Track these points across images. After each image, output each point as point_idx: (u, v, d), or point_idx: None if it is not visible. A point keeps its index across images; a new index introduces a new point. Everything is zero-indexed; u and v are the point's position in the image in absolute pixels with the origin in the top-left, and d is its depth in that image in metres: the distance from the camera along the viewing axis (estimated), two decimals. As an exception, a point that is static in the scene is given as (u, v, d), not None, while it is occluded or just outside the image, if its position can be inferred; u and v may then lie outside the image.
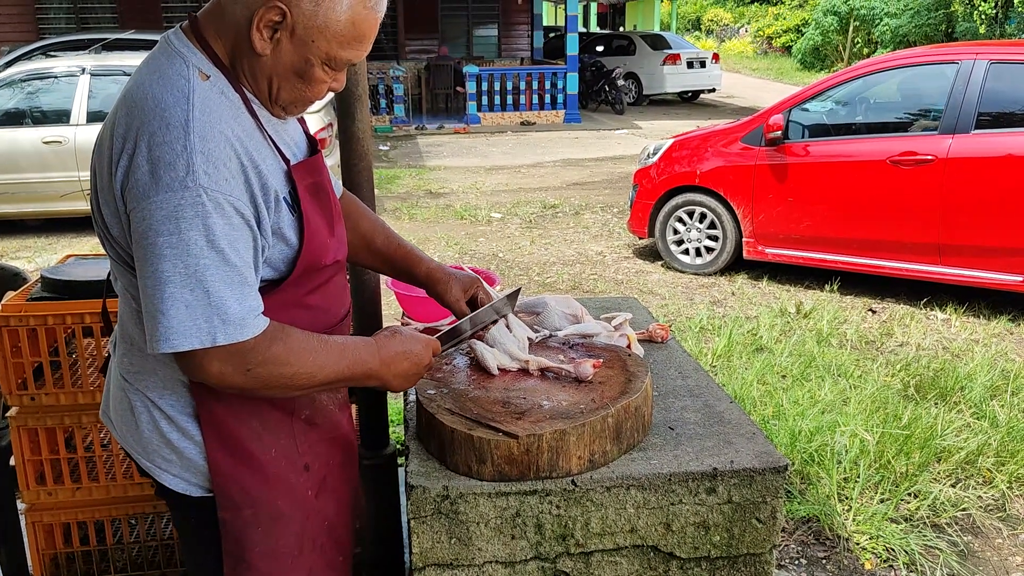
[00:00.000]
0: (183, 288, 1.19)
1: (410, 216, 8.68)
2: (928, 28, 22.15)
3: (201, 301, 1.20)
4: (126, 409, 1.43)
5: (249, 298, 1.25)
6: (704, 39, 41.89)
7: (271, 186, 1.30)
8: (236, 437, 1.38)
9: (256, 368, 1.26)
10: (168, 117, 1.21)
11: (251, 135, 1.30)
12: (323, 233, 1.42)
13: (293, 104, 1.37)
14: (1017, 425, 3.60)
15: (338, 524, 1.58)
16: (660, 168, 6.69)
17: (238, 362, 1.25)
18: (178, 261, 1.19)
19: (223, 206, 1.21)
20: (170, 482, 1.41)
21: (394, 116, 15.89)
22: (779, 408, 3.76)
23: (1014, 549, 2.96)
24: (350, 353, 1.38)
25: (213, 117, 1.23)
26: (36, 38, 14.05)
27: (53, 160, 7.60)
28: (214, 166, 1.21)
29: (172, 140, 1.20)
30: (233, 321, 1.22)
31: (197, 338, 1.21)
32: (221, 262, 1.21)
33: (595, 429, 1.55)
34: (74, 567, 2.55)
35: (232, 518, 1.40)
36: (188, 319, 1.20)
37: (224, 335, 1.21)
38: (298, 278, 1.39)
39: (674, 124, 15.63)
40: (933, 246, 5.43)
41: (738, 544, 1.63)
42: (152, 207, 1.19)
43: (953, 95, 5.39)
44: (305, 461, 1.47)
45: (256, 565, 1.42)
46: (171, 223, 1.19)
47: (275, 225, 1.32)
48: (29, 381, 2.35)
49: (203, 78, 1.26)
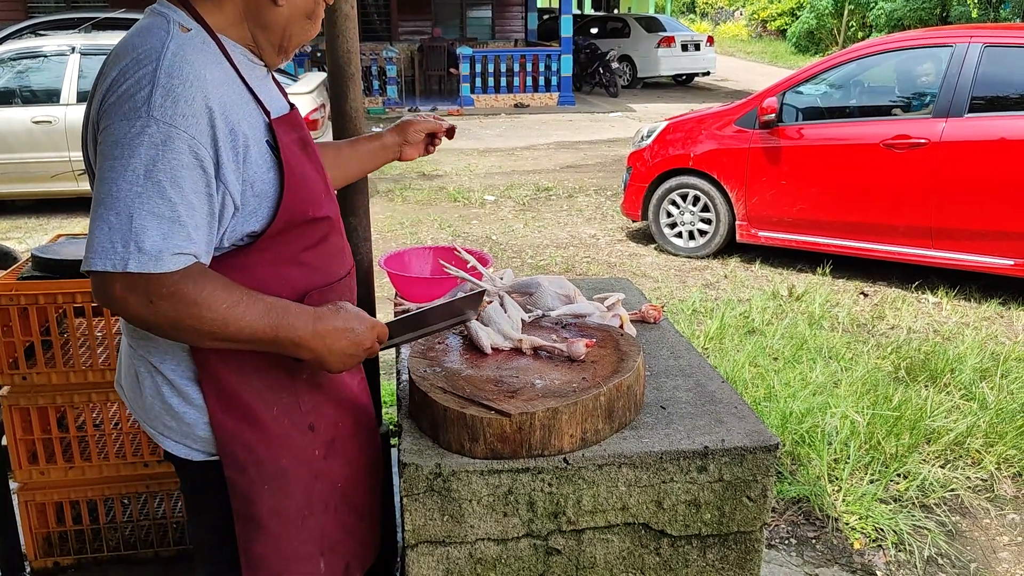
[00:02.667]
0: (110, 211, 1.21)
1: (403, 198, 8.66)
2: (923, 12, 22.11)
3: (123, 226, 1.21)
4: (132, 376, 1.46)
5: (176, 236, 1.24)
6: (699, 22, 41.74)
7: (241, 132, 1.30)
8: (237, 396, 1.39)
9: (160, 301, 1.24)
10: (141, 57, 1.26)
11: (230, 84, 1.32)
12: (315, 187, 1.44)
13: (296, 47, 1.47)
14: (1006, 407, 3.63)
15: (352, 488, 1.59)
16: (654, 151, 6.68)
17: (140, 291, 1.23)
18: (113, 185, 1.22)
19: (173, 140, 1.22)
20: (172, 447, 1.44)
21: (387, 98, 15.81)
22: (771, 390, 3.78)
23: (1001, 529, 2.99)
24: (278, 314, 1.33)
25: (187, 60, 1.27)
26: (25, 17, 13.91)
27: (43, 140, 7.54)
28: (172, 101, 1.23)
29: (140, 75, 1.24)
30: (148, 252, 1.21)
31: (110, 261, 1.21)
32: (155, 194, 1.22)
33: (587, 408, 1.56)
34: (67, 546, 2.56)
35: (238, 476, 1.41)
36: (107, 241, 1.21)
37: (136, 263, 1.21)
38: (286, 231, 1.38)
39: (668, 107, 15.60)
40: (925, 230, 5.44)
41: (729, 522, 1.64)
42: (107, 133, 1.24)
43: (947, 78, 5.39)
44: (310, 421, 1.48)
45: (265, 524, 1.43)
46: (117, 148, 1.22)
47: (251, 174, 1.32)
48: (20, 360, 2.34)
49: (183, 31, 1.31)
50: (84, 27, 8.84)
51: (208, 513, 1.47)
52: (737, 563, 1.67)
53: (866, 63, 6.04)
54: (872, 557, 2.80)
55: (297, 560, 1.48)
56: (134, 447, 2.53)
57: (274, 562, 1.45)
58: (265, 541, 1.44)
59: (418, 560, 1.58)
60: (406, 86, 17.18)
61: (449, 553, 1.59)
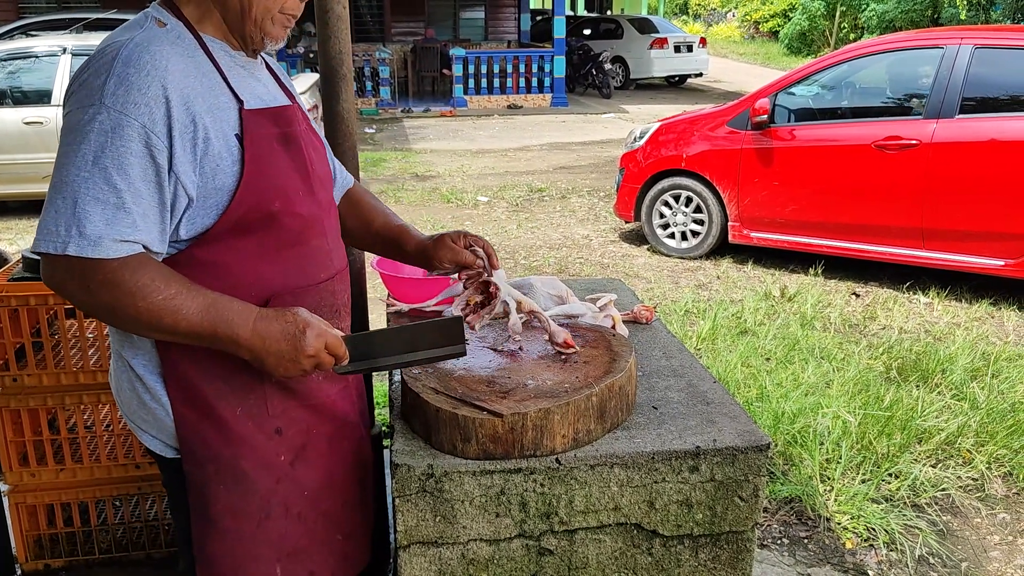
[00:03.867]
0: (58, 194, 1.24)
1: (396, 199, 8.65)
2: (914, 14, 22.19)
3: (67, 210, 1.23)
4: (114, 371, 1.48)
5: (120, 223, 1.24)
6: (691, 23, 41.81)
7: (203, 123, 1.30)
8: (200, 393, 1.39)
9: (97, 289, 1.25)
10: (106, 49, 1.29)
11: (200, 76, 1.33)
12: (286, 183, 1.41)
13: (268, 16, 1.40)
14: (996, 407, 3.65)
15: (327, 497, 1.55)
16: (646, 152, 6.69)
17: (78, 276, 1.25)
18: (64, 170, 1.25)
19: (123, 128, 1.24)
20: (149, 442, 1.45)
21: (380, 99, 15.79)
22: (763, 390, 3.79)
23: (992, 528, 3.01)
24: (217, 310, 1.30)
25: (148, 50, 1.28)
26: (16, 17, 13.86)
27: (35, 141, 7.50)
28: (126, 89, 1.24)
29: (100, 66, 1.28)
30: (89, 236, 1.22)
31: (52, 243, 1.23)
32: (100, 180, 1.23)
33: (579, 408, 1.56)
34: (58, 548, 2.55)
35: (196, 472, 1.41)
36: (52, 224, 1.24)
37: (76, 247, 1.22)
38: (253, 227, 1.36)
39: (661, 108, 15.62)
40: (917, 230, 5.47)
41: (720, 522, 1.64)
42: (65, 120, 1.29)
43: (938, 80, 5.41)
44: (277, 425, 1.46)
45: (219, 522, 1.42)
46: (69, 135, 1.26)
47: (210, 167, 1.32)
48: (11, 362, 2.34)
49: (159, 25, 1.34)
50: (75, 28, 8.81)
51: (183, 509, 1.47)
52: (729, 563, 1.68)
53: (858, 64, 6.06)
54: (864, 556, 2.81)
55: (251, 562, 1.46)
56: (125, 449, 2.52)
57: (227, 562, 1.44)
58: (219, 540, 1.43)
59: (410, 561, 1.58)
60: (399, 87, 17.17)
61: (441, 554, 1.58)
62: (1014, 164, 5.05)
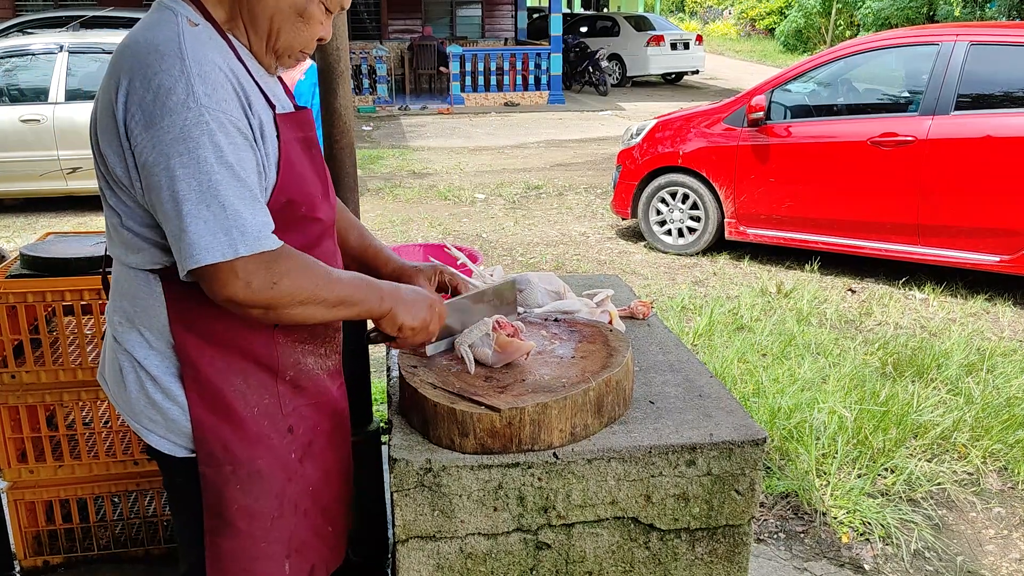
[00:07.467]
0: (200, 204, 1.22)
1: (393, 196, 8.65)
2: (910, 11, 22.21)
3: (219, 215, 1.22)
4: (116, 370, 1.46)
5: (261, 213, 1.27)
6: (688, 21, 41.82)
7: (258, 121, 1.33)
8: (219, 394, 1.39)
9: (282, 280, 1.27)
10: (162, 49, 1.25)
11: (242, 73, 1.34)
12: (311, 188, 1.44)
13: (288, 50, 1.42)
14: (991, 402, 3.66)
15: (325, 492, 1.58)
16: (643, 149, 6.70)
17: (264, 273, 1.25)
18: (191, 180, 1.22)
19: (225, 125, 1.24)
20: (156, 443, 1.44)
21: (377, 96, 15.79)
22: (759, 386, 3.80)
23: (987, 522, 3.02)
24: (357, 276, 1.43)
25: (204, 48, 1.28)
26: (12, 15, 13.83)
27: (32, 139, 7.49)
28: (212, 87, 1.24)
29: (169, 67, 1.23)
30: (251, 232, 1.24)
31: (219, 251, 1.22)
32: (232, 177, 1.24)
33: (577, 402, 1.57)
34: (57, 545, 2.56)
35: (213, 474, 1.41)
36: (208, 234, 1.22)
37: (245, 246, 1.23)
38: (285, 225, 1.38)
39: (657, 105, 15.62)
40: (912, 227, 5.48)
41: (717, 516, 1.65)
42: (160, 132, 1.22)
43: (933, 76, 5.43)
44: (289, 423, 1.48)
45: (234, 522, 1.43)
46: (180, 144, 1.22)
47: (264, 162, 1.34)
48: (9, 359, 2.34)
49: (191, 25, 1.31)
50: (72, 25, 8.79)
51: (191, 509, 1.47)
52: (726, 556, 1.69)
53: (853, 61, 6.07)
54: (860, 551, 2.83)
55: (263, 560, 1.47)
56: (124, 445, 2.53)
57: (239, 561, 1.45)
58: (232, 539, 1.44)
59: (409, 555, 1.59)
60: (396, 85, 17.16)
61: (439, 548, 1.59)
62: (1009, 160, 5.06)
